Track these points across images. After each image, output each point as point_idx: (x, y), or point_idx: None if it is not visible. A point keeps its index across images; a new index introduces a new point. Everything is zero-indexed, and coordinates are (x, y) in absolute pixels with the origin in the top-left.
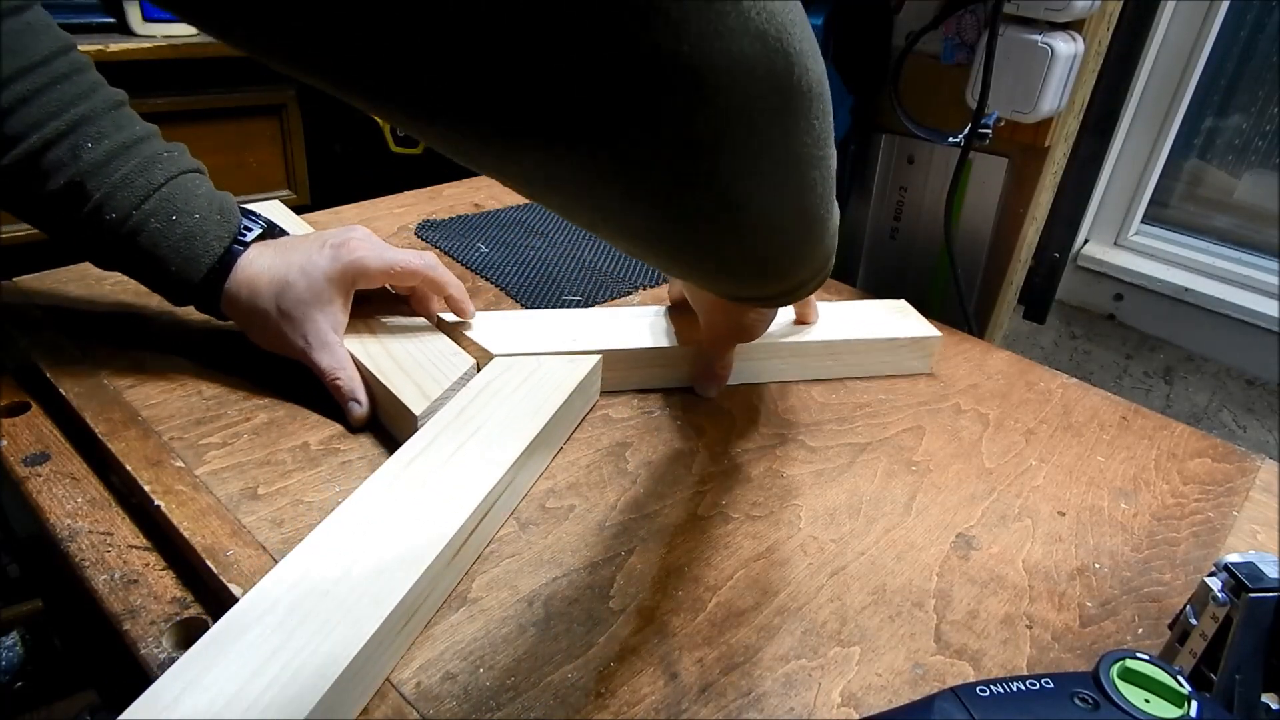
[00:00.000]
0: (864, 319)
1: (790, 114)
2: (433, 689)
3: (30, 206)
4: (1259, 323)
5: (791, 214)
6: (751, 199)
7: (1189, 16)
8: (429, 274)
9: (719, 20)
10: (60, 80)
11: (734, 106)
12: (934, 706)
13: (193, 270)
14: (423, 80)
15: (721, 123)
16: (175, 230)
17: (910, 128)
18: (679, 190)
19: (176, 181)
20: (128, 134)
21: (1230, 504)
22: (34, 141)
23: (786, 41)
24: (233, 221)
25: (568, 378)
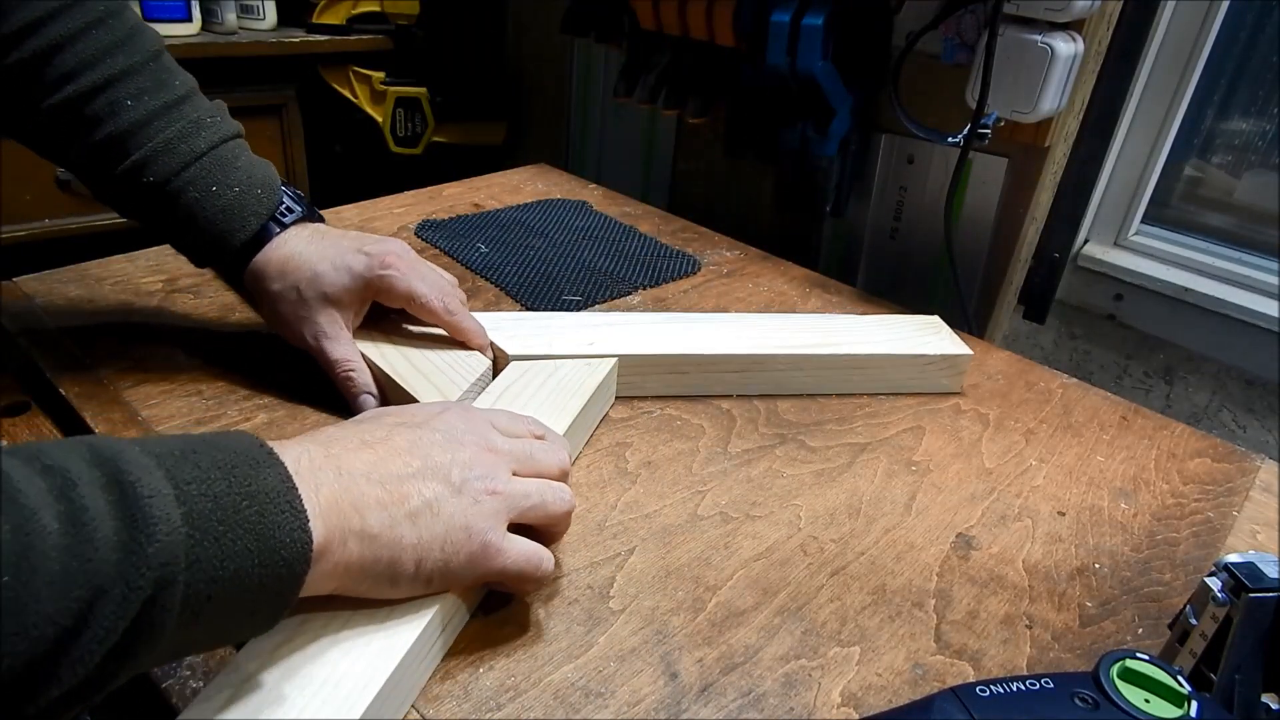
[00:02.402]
0: (893, 334)
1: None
2: (433, 689)
3: (66, 154)
4: (1259, 323)
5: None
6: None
7: (1189, 16)
8: (447, 319)
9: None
10: (95, 24)
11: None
12: (934, 706)
13: (226, 243)
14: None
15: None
16: (214, 202)
17: (910, 128)
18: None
19: (218, 151)
20: (169, 92)
21: (1230, 504)
22: (70, 92)
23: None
24: (273, 197)
25: (586, 380)
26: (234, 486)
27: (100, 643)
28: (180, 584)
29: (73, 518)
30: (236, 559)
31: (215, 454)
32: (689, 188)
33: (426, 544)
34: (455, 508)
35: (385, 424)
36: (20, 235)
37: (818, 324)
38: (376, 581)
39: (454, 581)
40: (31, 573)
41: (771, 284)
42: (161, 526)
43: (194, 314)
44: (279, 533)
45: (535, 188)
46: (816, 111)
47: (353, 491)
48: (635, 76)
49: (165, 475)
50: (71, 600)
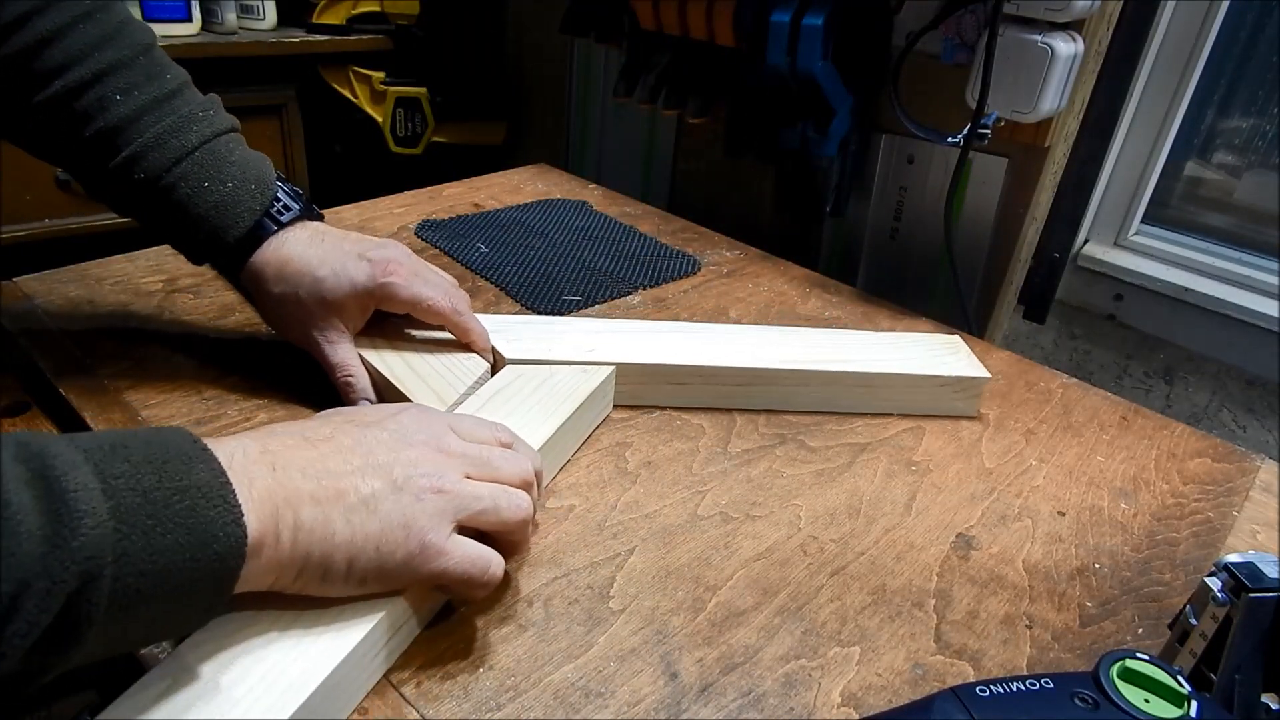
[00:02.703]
0: (908, 352)
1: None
2: (433, 689)
3: (57, 153)
4: (1259, 323)
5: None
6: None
7: (1189, 16)
8: (455, 320)
9: None
10: (82, 19)
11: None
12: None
13: (220, 239)
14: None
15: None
16: (206, 198)
17: (910, 128)
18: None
19: (210, 146)
20: (159, 87)
21: (1230, 504)
22: (59, 88)
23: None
24: (267, 193)
25: (580, 388)
26: (164, 481)
27: (24, 637)
28: (107, 578)
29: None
30: (167, 553)
31: (147, 449)
32: (689, 188)
33: (360, 542)
34: (394, 505)
35: (332, 422)
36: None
37: (828, 339)
38: (309, 579)
39: (392, 582)
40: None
41: (771, 284)
42: (87, 520)
43: (194, 314)
44: (212, 527)
45: (535, 188)
46: (816, 111)
47: (287, 487)
48: (635, 76)
49: (93, 470)
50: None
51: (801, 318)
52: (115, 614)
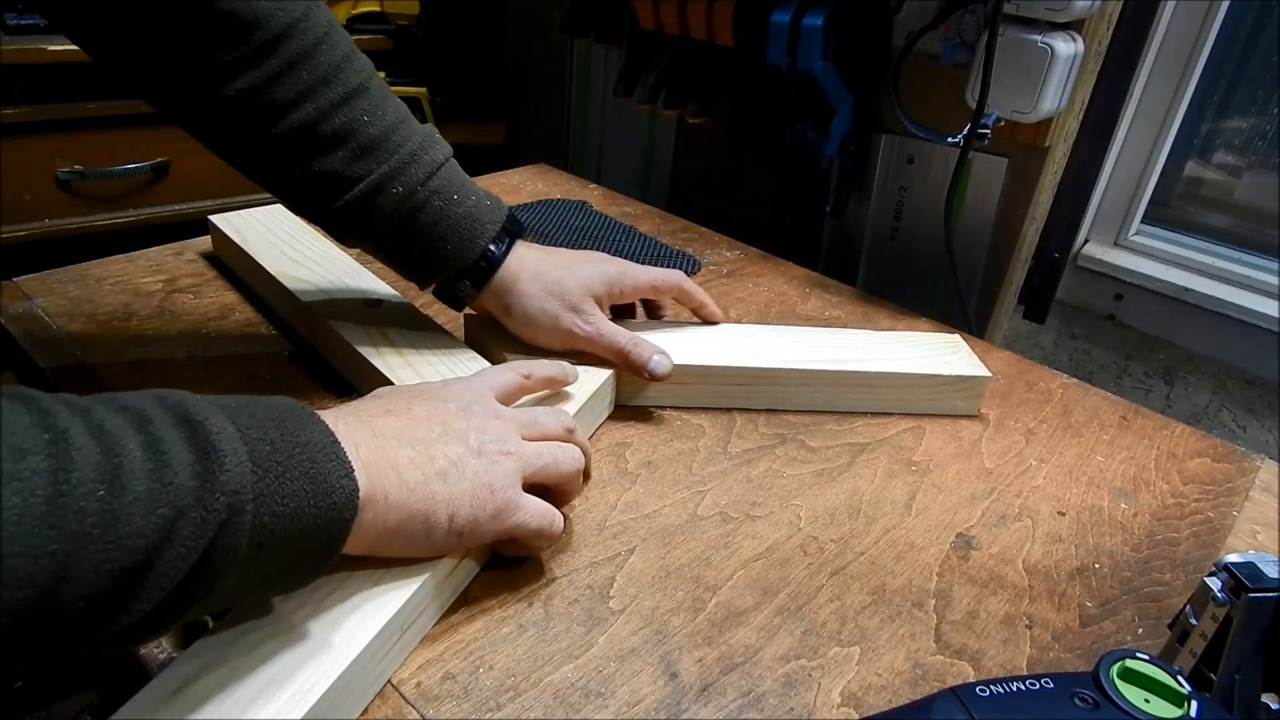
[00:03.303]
0: (908, 352)
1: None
2: (433, 689)
3: (289, 178)
4: (1259, 323)
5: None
6: None
7: (1189, 16)
8: (685, 287)
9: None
10: (322, 40)
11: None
12: (934, 706)
13: (468, 251)
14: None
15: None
16: (456, 209)
17: (910, 128)
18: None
19: (452, 163)
20: (395, 105)
21: (1230, 504)
22: (309, 111)
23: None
24: (499, 205)
25: (580, 389)
26: (286, 435)
27: (183, 560)
28: (249, 513)
29: (153, 446)
30: (294, 498)
31: (265, 409)
32: (689, 188)
33: (457, 500)
34: (477, 468)
35: (403, 397)
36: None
37: (829, 338)
38: (412, 537)
39: (481, 535)
40: (122, 489)
41: (771, 284)
42: (230, 458)
43: (194, 314)
44: (329, 478)
45: (535, 188)
46: (816, 111)
47: (387, 451)
48: (635, 76)
49: (227, 418)
50: (157, 517)
51: (801, 318)
52: (252, 553)
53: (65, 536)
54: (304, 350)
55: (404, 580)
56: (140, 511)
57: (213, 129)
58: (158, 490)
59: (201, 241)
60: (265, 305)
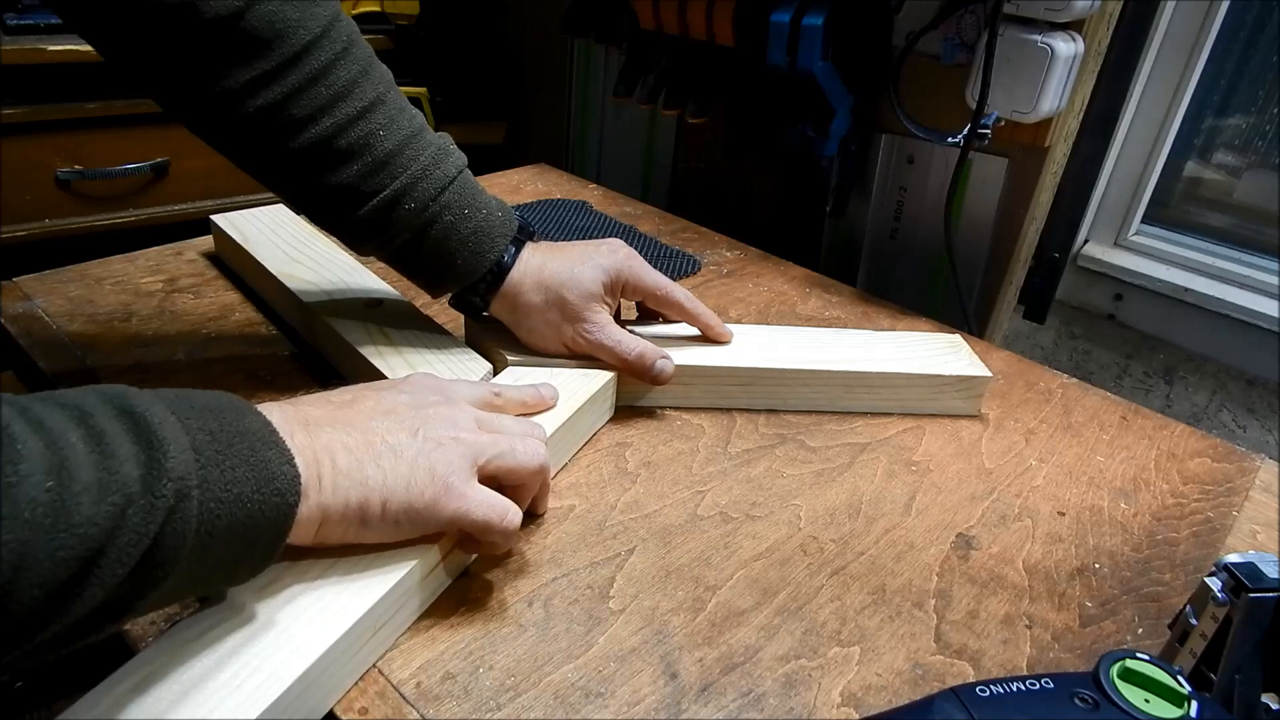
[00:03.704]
0: (908, 352)
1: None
2: (433, 689)
3: (306, 191)
4: (1259, 323)
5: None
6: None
7: (1189, 16)
8: (691, 309)
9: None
10: (342, 55)
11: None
12: (934, 706)
13: (478, 265)
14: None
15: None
16: (467, 224)
17: (910, 128)
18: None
19: (465, 175)
20: (411, 118)
21: (1230, 504)
22: (326, 126)
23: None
24: (511, 218)
25: (579, 391)
26: (225, 425)
27: (134, 546)
28: (194, 499)
29: (96, 438)
30: (238, 484)
31: (203, 400)
32: (689, 188)
33: (392, 484)
34: (418, 452)
35: (353, 389)
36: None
37: (829, 338)
38: (349, 522)
39: (421, 524)
40: (70, 480)
41: (771, 284)
42: (174, 446)
43: (194, 314)
44: (270, 465)
45: (535, 188)
46: (816, 111)
47: (322, 437)
48: (635, 76)
49: (167, 408)
50: (107, 505)
51: (801, 318)
52: (201, 541)
53: (19, 526)
54: (305, 350)
55: (378, 577)
56: (90, 500)
57: (232, 141)
58: (105, 479)
59: (202, 241)
60: (266, 305)
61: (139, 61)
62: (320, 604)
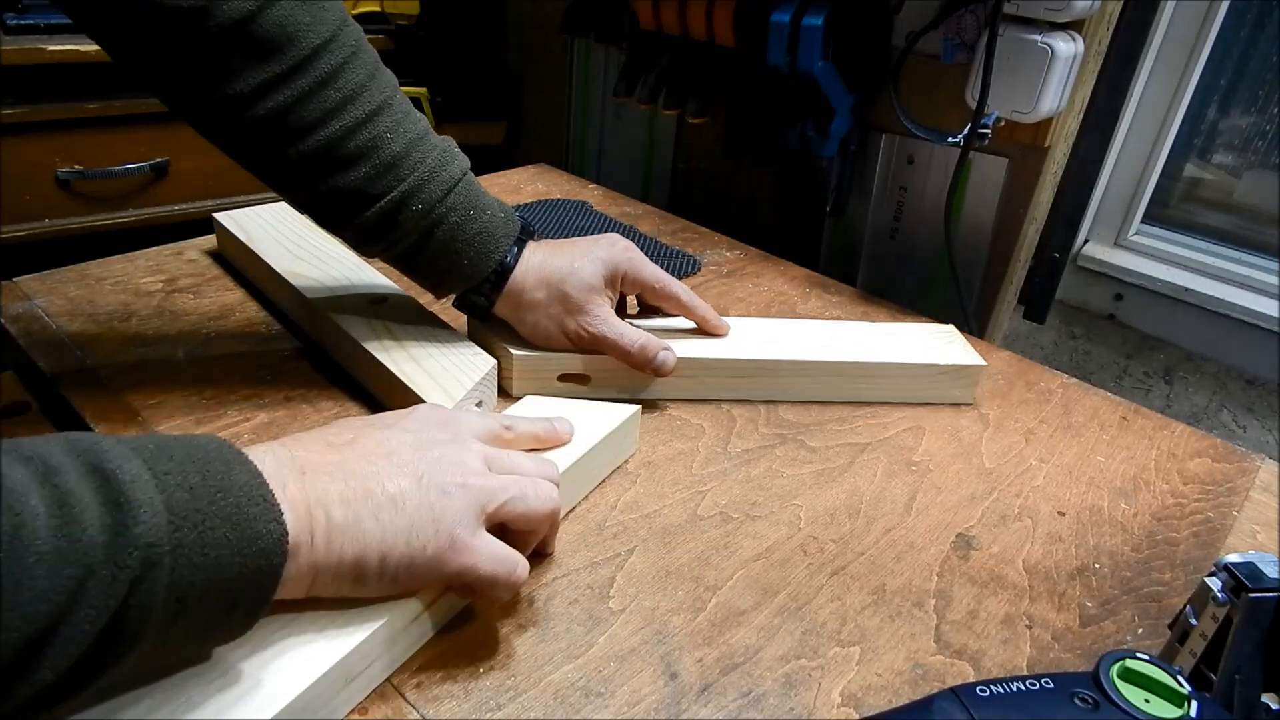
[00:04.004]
0: (904, 342)
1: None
2: (433, 689)
3: (312, 193)
4: (1259, 323)
5: None
6: None
7: (1189, 16)
8: (688, 302)
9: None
10: (351, 59)
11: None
12: (934, 706)
13: (483, 265)
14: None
15: None
16: (472, 225)
17: (910, 128)
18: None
19: (469, 177)
20: (415, 121)
21: (1230, 504)
22: (334, 129)
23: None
24: (513, 219)
25: (598, 425)
26: (208, 480)
27: (92, 623)
28: (165, 567)
29: (59, 501)
30: (216, 547)
31: (187, 450)
32: (689, 188)
33: (390, 539)
34: (420, 501)
35: (354, 426)
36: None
37: (826, 330)
38: (343, 579)
39: (422, 580)
40: (24, 551)
41: (771, 284)
42: (145, 510)
43: (194, 314)
44: (255, 524)
45: (535, 188)
46: (816, 111)
47: (317, 489)
48: (635, 76)
49: (144, 464)
50: (63, 578)
51: (801, 317)
52: (170, 609)
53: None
54: (308, 348)
55: (354, 626)
56: (44, 574)
57: (240, 144)
58: (64, 548)
59: (202, 241)
60: (268, 304)
61: (148, 64)
62: (288, 652)
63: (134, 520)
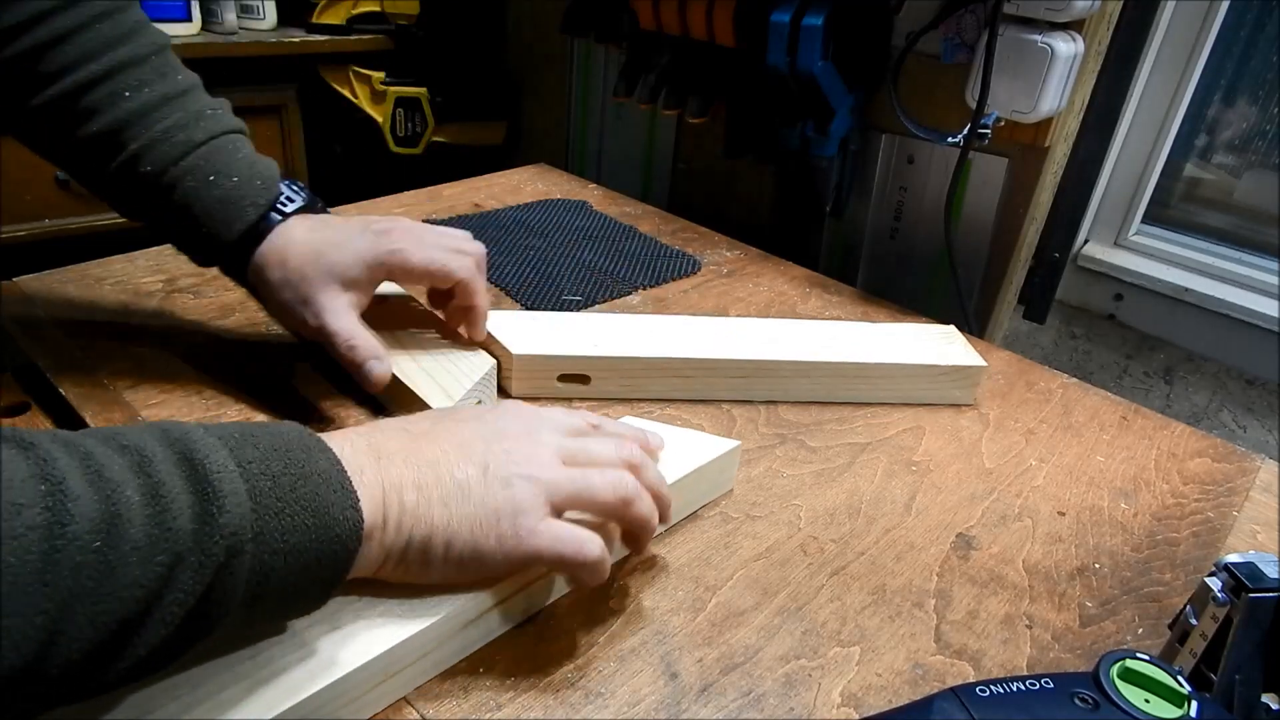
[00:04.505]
0: (904, 343)
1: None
2: (433, 689)
3: (61, 149)
4: (1259, 323)
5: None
6: None
7: (1189, 16)
8: (466, 280)
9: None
10: (100, 18)
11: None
12: (934, 706)
13: (224, 233)
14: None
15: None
16: (212, 192)
17: (910, 128)
18: None
19: (217, 141)
20: (170, 84)
21: (1230, 504)
22: (68, 83)
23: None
24: (272, 190)
25: (692, 456)
26: (290, 468)
27: (180, 605)
28: (248, 554)
29: (152, 491)
30: (295, 534)
31: (271, 439)
32: (689, 188)
33: (455, 526)
34: (486, 491)
35: (430, 417)
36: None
37: (826, 330)
38: (412, 563)
39: (489, 566)
40: (120, 540)
41: (771, 284)
42: (230, 500)
43: (194, 314)
44: (333, 510)
45: (535, 188)
46: (816, 111)
47: (391, 474)
48: (635, 76)
49: (230, 454)
50: (155, 565)
51: (801, 318)
52: (251, 591)
53: (60, 594)
54: (309, 347)
55: (416, 616)
56: (138, 560)
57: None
58: (156, 537)
59: None
60: None
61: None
62: (344, 632)
63: (220, 510)
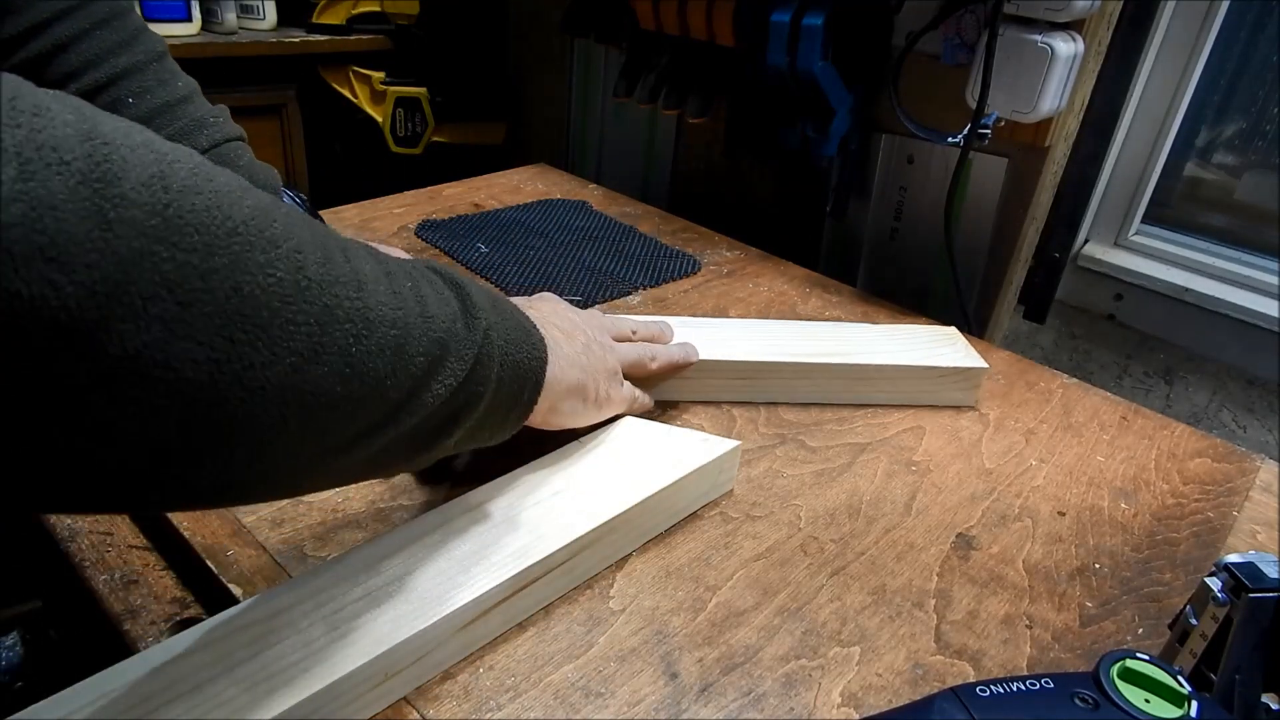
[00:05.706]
0: (905, 345)
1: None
2: (433, 689)
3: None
4: (1259, 323)
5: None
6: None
7: (1189, 16)
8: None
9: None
10: (100, 25)
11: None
12: (934, 706)
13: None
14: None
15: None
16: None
17: (910, 128)
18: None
19: (218, 150)
20: (170, 91)
21: (1230, 504)
22: (71, 91)
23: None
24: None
25: (691, 457)
26: (499, 304)
27: (445, 386)
28: (495, 338)
29: (438, 291)
30: (512, 332)
31: (480, 288)
32: (689, 188)
33: (593, 372)
34: (600, 353)
35: (521, 300)
36: None
37: (826, 331)
38: (573, 400)
39: (608, 409)
40: (424, 301)
41: (771, 284)
42: (482, 311)
43: None
44: (530, 332)
45: (535, 188)
46: (816, 111)
47: (547, 325)
48: (635, 76)
49: (473, 286)
50: (433, 344)
51: (801, 318)
52: (491, 386)
53: (397, 319)
54: None
55: (416, 616)
56: (422, 340)
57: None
58: (435, 326)
59: None
60: None
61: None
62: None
63: (475, 318)
